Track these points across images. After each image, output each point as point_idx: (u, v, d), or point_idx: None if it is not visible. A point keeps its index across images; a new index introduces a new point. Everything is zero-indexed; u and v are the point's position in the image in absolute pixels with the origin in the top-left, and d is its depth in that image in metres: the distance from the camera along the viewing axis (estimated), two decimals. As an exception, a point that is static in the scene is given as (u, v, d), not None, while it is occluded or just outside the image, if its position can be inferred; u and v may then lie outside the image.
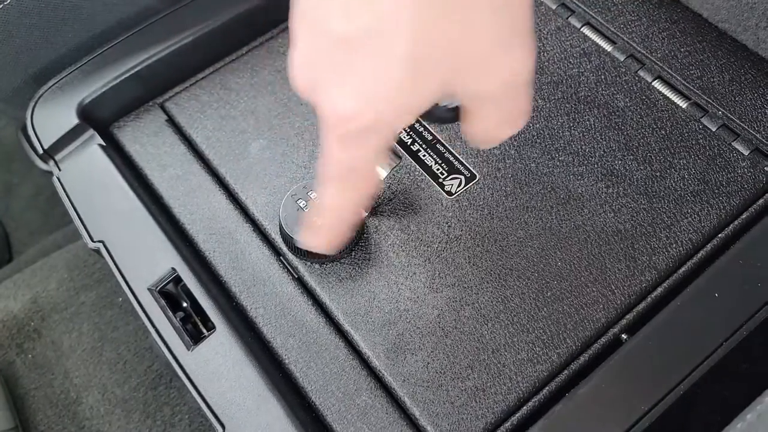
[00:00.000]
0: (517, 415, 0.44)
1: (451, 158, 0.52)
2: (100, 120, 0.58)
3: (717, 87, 0.53)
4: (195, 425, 0.63)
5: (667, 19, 0.56)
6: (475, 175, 0.51)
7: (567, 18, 0.57)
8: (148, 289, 0.49)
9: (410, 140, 0.53)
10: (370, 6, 0.29)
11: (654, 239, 0.48)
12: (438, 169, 0.52)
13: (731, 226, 0.48)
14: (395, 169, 0.52)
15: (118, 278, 0.50)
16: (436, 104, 0.37)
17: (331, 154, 0.33)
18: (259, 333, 0.48)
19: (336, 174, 0.34)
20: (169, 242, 0.50)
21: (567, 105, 0.53)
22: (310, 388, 0.46)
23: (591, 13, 0.57)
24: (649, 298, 0.46)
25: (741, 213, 0.48)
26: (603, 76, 0.54)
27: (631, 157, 0.51)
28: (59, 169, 0.55)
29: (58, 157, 0.56)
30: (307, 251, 0.48)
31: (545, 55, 0.56)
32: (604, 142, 0.51)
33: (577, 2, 0.58)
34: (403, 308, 0.47)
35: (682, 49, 0.55)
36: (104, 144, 0.56)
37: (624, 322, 0.46)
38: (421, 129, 0.54)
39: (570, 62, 0.55)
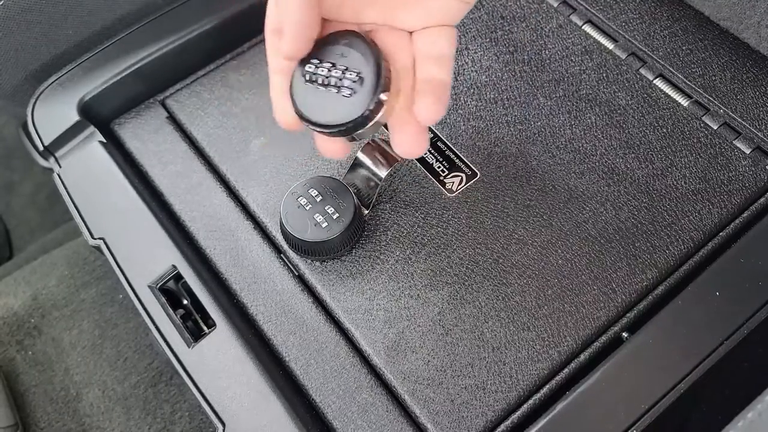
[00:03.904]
0: (517, 413, 0.44)
1: (452, 156, 0.52)
2: (100, 117, 0.58)
3: (718, 85, 0.53)
4: (195, 422, 0.63)
5: (668, 17, 0.56)
6: (476, 173, 0.51)
7: (568, 16, 0.57)
8: (149, 286, 0.49)
9: (411, 138, 0.53)
10: None
11: (655, 237, 0.48)
12: (439, 167, 0.52)
13: (732, 225, 0.48)
14: (396, 168, 0.52)
15: (118, 275, 0.50)
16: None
17: None
18: (260, 330, 0.48)
19: None
20: (170, 239, 0.50)
21: (568, 103, 0.53)
22: (310, 385, 0.46)
23: (592, 11, 0.57)
24: (650, 297, 0.46)
25: (742, 211, 0.48)
26: (604, 74, 0.54)
27: (633, 155, 0.51)
28: (60, 166, 0.55)
29: (58, 154, 0.56)
30: (307, 249, 0.48)
31: (546, 52, 0.56)
32: (605, 141, 0.51)
33: (578, 0, 0.58)
34: (403, 306, 0.47)
35: (683, 48, 0.55)
36: (105, 141, 0.56)
37: (625, 320, 0.46)
38: (422, 127, 0.53)
39: (571, 60, 0.55)
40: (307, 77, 0.38)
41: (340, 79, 0.38)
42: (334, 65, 0.38)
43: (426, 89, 0.38)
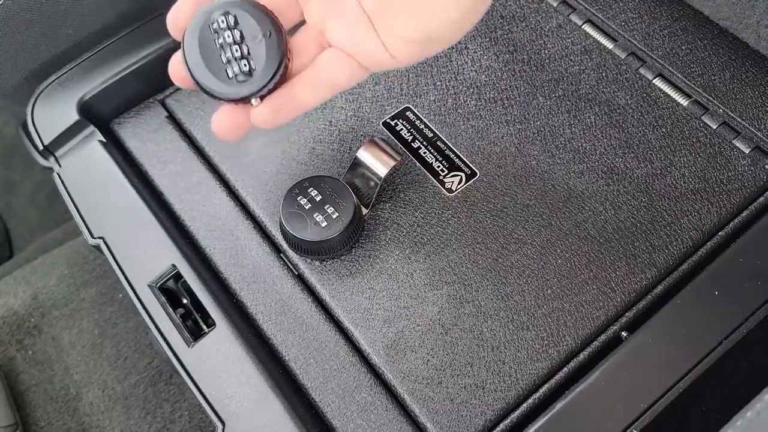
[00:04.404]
0: (516, 412, 0.44)
1: (452, 155, 0.52)
2: (100, 116, 0.58)
3: (718, 85, 0.53)
4: (195, 421, 0.63)
5: (668, 16, 0.56)
6: (476, 173, 0.51)
7: (568, 15, 0.57)
8: (149, 285, 0.49)
9: (411, 137, 0.53)
10: None
11: (654, 237, 0.48)
12: (438, 167, 0.52)
13: (731, 224, 0.48)
14: (396, 167, 0.52)
15: (118, 275, 0.50)
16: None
17: None
18: (259, 330, 0.48)
19: None
20: (170, 239, 0.50)
21: (568, 102, 0.53)
22: (309, 384, 0.46)
23: (592, 10, 0.57)
24: (649, 296, 0.46)
25: (741, 211, 0.48)
26: (604, 74, 0.54)
27: (632, 154, 0.51)
28: (59, 166, 0.55)
29: (58, 153, 0.56)
30: (306, 249, 0.48)
31: (546, 52, 0.56)
32: (605, 140, 0.51)
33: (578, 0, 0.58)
34: (403, 305, 0.47)
35: (683, 47, 0.55)
36: (104, 140, 0.56)
37: (624, 319, 0.46)
38: (422, 126, 0.53)
39: (571, 59, 0.55)
40: (214, 26, 0.37)
41: (236, 59, 0.36)
42: (242, 41, 0.37)
43: (277, 101, 0.38)
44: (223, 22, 0.36)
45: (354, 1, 0.37)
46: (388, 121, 0.54)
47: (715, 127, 0.51)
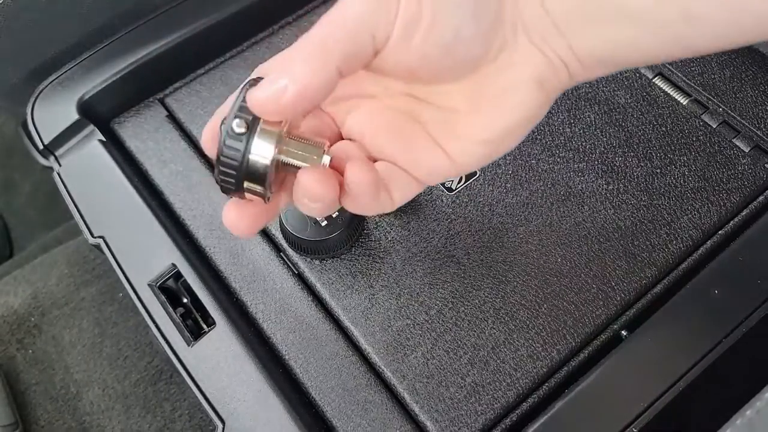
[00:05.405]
0: (516, 411, 0.44)
1: (452, 154, 0.52)
2: (100, 115, 0.58)
3: (718, 84, 0.53)
4: (195, 420, 0.63)
5: (668, 15, 0.56)
6: (476, 172, 0.51)
7: (568, 14, 0.57)
8: (149, 284, 0.49)
9: (410, 136, 0.53)
10: None
11: (654, 236, 0.48)
12: (438, 166, 0.52)
13: (731, 223, 0.48)
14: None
15: (118, 274, 0.50)
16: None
17: None
18: (259, 329, 0.48)
19: None
20: (170, 238, 0.50)
21: (567, 101, 0.53)
22: (309, 384, 0.46)
23: (592, 9, 0.57)
24: (649, 295, 0.46)
25: (741, 210, 0.48)
26: (604, 73, 0.54)
27: (632, 153, 0.51)
28: (59, 165, 0.55)
29: (58, 152, 0.56)
30: (306, 248, 0.48)
31: (546, 51, 0.56)
32: (605, 139, 0.51)
33: (577, -2, 0.58)
34: (402, 304, 0.47)
35: (682, 46, 0.55)
36: (104, 139, 0.56)
37: (624, 318, 0.46)
38: (422, 125, 0.53)
39: (571, 58, 0.55)
40: None
41: None
42: None
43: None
44: None
45: (399, 113, 0.32)
46: (388, 120, 0.54)
47: (714, 126, 0.51)
